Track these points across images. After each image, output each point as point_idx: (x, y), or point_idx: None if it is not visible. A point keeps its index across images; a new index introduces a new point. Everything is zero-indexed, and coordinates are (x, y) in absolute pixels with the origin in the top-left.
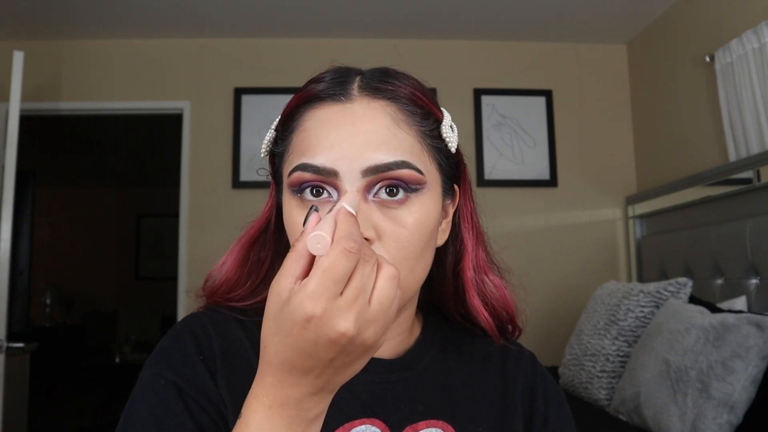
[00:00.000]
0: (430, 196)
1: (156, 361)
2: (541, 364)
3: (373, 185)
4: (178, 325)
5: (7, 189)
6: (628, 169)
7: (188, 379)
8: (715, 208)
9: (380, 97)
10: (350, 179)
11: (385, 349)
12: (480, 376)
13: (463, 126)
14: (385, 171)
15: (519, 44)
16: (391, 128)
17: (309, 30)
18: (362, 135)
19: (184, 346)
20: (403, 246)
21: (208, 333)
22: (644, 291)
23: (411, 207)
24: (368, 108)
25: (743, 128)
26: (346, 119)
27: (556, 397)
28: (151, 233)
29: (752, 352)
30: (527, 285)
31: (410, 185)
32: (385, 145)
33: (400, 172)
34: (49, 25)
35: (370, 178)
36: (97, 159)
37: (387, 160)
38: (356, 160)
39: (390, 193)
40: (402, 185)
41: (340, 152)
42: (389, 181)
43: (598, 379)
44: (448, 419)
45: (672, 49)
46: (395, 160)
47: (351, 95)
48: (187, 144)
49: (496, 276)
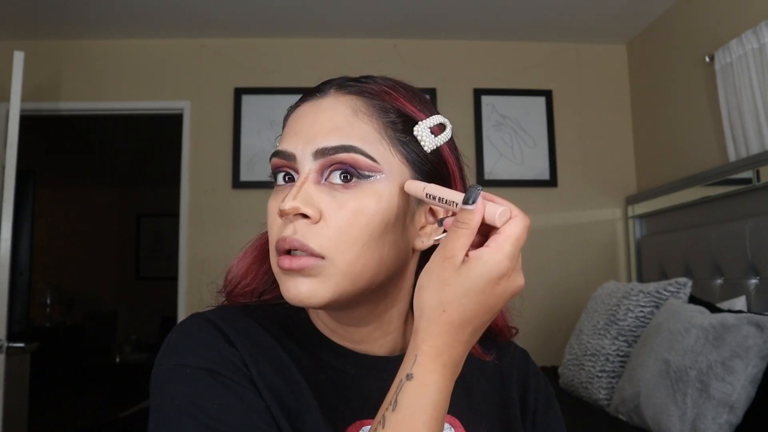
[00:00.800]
0: (387, 186)
1: (170, 355)
2: (533, 361)
3: (325, 169)
4: (185, 320)
5: (7, 189)
6: (628, 169)
7: (217, 361)
8: (715, 208)
9: (349, 92)
10: (304, 162)
11: (386, 348)
12: (479, 372)
13: (463, 126)
14: (333, 154)
15: (519, 44)
16: (349, 117)
17: (309, 30)
18: (319, 123)
19: (202, 332)
20: (342, 230)
21: (219, 325)
22: (644, 291)
23: (359, 192)
24: (334, 101)
25: (743, 128)
26: (312, 111)
27: (547, 393)
28: (151, 233)
29: (752, 352)
30: (527, 285)
31: (360, 171)
32: (337, 131)
33: (348, 155)
34: (49, 25)
35: (321, 161)
36: (97, 159)
37: (334, 143)
38: (309, 144)
39: (343, 179)
40: (353, 171)
41: (298, 138)
42: (339, 165)
43: (597, 379)
44: (456, 413)
45: (672, 49)
46: (342, 143)
47: (325, 93)
48: (187, 144)
49: None
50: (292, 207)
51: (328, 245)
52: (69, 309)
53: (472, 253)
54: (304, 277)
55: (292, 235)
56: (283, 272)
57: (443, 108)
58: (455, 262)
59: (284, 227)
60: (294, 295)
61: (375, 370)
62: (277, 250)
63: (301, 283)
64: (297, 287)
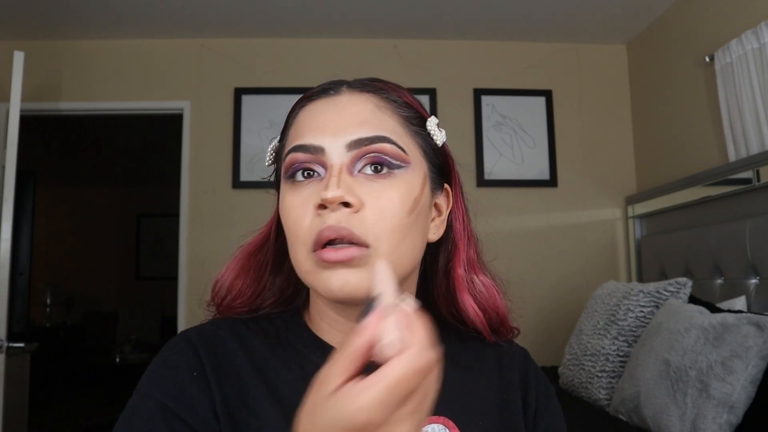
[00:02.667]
0: (414, 176)
1: (145, 381)
2: (534, 360)
3: (358, 160)
4: (171, 341)
5: (7, 189)
6: (628, 169)
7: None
8: (715, 208)
9: (363, 91)
10: (336, 154)
11: None
12: (478, 372)
13: (463, 126)
14: (368, 144)
15: (519, 44)
16: (374, 112)
17: (309, 30)
18: (346, 117)
19: (172, 363)
20: (386, 216)
21: (196, 350)
22: (644, 291)
23: (394, 181)
24: (352, 98)
25: (743, 128)
26: (333, 107)
27: (547, 391)
28: (151, 233)
29: (752, 352)
30: (527, 284)
31: (392, 160)
32: (367, 124)
33: (382, 145)
34: (49, 25)
35: (354, 152)
36: (97, 159)
37: (369, 134)
38: (340, 136)
39: (375, 170)
40: (385, 161)
41: (325, 131)
42: (373, 156)
43: (597, 379)
44: (450, 415)
45: (672, 50)
46: (376, 134)
47: (338, 91)
48: (187, 144)
49: (486, 277)
50: (336, 195)
51: (372, 234)
52: (69, 309)
53: (346, 386)
54: (350, 268)
55: (337, 224)
56: (323, 266)
57: (443, 108)
58: (325, 389)
59: (324, 218)
60: (340, 288)
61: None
62: (316, 242)
63: (348, 274)
64: (344, 279)
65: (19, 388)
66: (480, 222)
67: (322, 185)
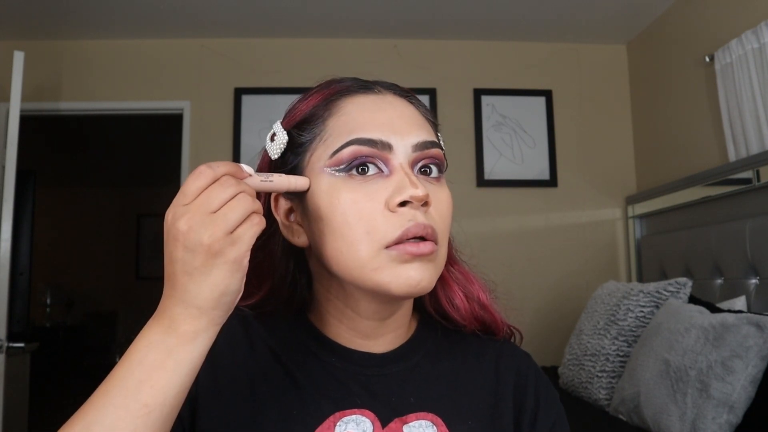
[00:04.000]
0: (445, 181)
1: None
2: (536, 364)
3: (418, 161)
4: None
5: (7, 189)
6: (627, 169)
7: None
8: (715, 208)
9: (399, 95)
10: (402, 153)
11: (380, 344)
12: (472, 372)
13: (463, 126)
14: (430, 148)
15: (519, 44)
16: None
17: (309, 30)
18: (405, 118)
19: None
20: (444, 217)
21: None
22: (644, 291)
23: (443, 185)
24: (398, 100)
25: (743, 128)
26: (387, 105)
27: (548, 396)
28: (151, 233)
29: (752, 352)
30: (527, 284)
31: (441, 166)
32: (425, 128)
33: (437, 151)
34: (49, 25)
35: (417, 154)
36: (98, 159)
37: (430, 138)
38: (407, 137)
39: (424, 173)
40: (437, 164)
41: (391, 129)
42: (430, 159)
43: (597, 379)
44: (438, 412)
45: (672, 50)
46: (434, 139)
47: (382, 91)
48: (187, 144)
49: (460, 266)
50: (425, 194)
51: (439, 232)
52: (69, 309)
53: None
54: (425, 263)
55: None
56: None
57: (443, 108)
58: None
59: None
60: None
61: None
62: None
63: (424, 268)
64: (421, 273)
65: (19, 388)
66: (480, 222)
67: (388, 184)
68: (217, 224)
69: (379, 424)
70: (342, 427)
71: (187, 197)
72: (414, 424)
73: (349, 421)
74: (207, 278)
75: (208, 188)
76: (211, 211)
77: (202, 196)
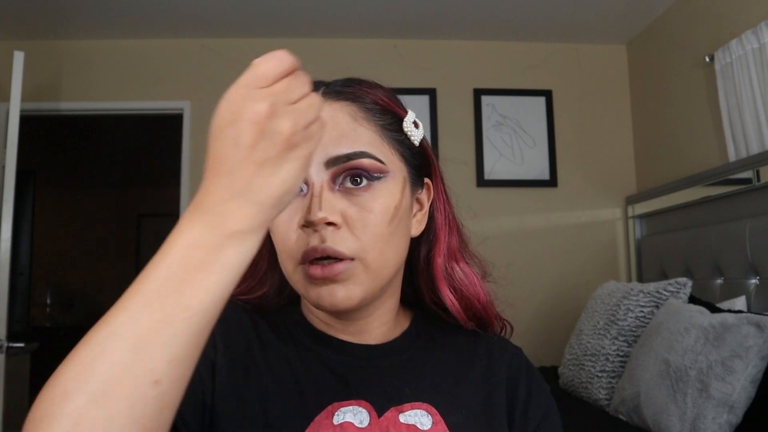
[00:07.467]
0: (394, 183)
1: None
2: (528, 358)
3: (338, 176)
4: None
5: (7, 189)
6: (627, 169)
7: None
8: (715, 208)
9: (341, 99)
10: (315, 171)
11: (373, 336)
12: (466, 364)
13: (463, 126)
14: (346, 161)
15: (519, 44)
16: (351, 124)
17: (309, 30)
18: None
19: None
20: (369, 229)
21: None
22: (644, 291)
23: (374, 193)
24: (329, 109)
25: (743, 128)
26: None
27: (540, 389)
28: (152, 233)
29: (752, 352)
30: (527, 284)
31: (371, 173)
32: (345, 139)
33: (361, 161)
34: (49, 25)
35: (333, 169)
36: (97, 159)
37: (346, 151)
38: (319, 154)
39: (354, 182)
40: (364, 174)
41: None
42: (351, 170)
43: (597, 379)
44: (433, 402)
45: (672, 49)
46: (354, 150)
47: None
48: (187, 144)
49: (467, 265)
50: (321, 218)
51: (356, 247)
52: (69, 309)
53: None
54: (337, 283)
55: (321, 244)
56: (312, 281)
57: (443, 108)
58: None
59: (309, 237)
60: (330, 303)
61: (361, 358)
62: (304, 259)
63: (336, 289)
64: (333, 294)
65: (19, 387)
66: (480, 222)
67: (305, 202)
68: (300, 115)
69: (376, 413)
70: (340, 417)
71: (266, 80)
72: (410, 413)
73: (346, 412)
74: (278, 171)
75: (288, 77)
76: (290, 102)
77: (283, 82)
